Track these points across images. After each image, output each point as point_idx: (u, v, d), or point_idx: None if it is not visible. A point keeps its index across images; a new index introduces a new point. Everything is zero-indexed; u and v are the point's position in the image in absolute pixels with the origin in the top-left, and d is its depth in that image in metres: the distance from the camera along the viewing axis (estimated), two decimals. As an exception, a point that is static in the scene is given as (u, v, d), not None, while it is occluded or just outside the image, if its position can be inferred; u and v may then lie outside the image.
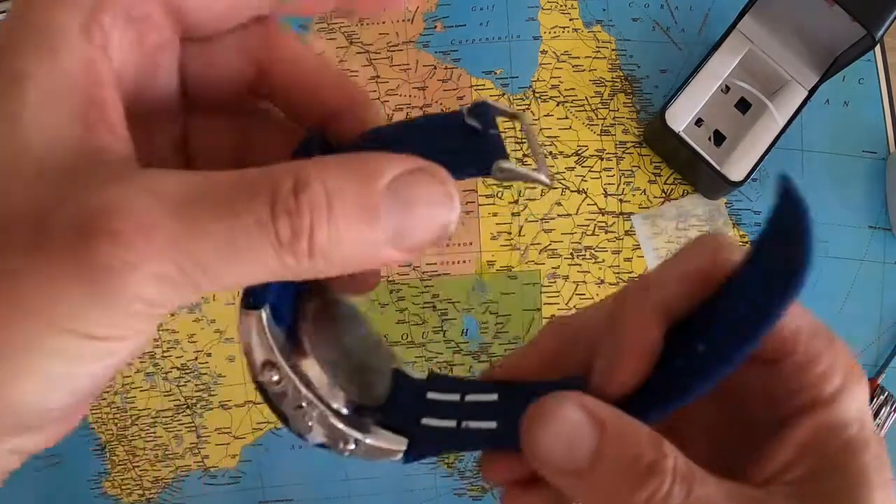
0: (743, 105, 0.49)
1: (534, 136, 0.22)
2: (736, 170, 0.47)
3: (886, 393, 0.49)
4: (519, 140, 0.51)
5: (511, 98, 0.51)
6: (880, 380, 0.50)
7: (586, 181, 0.51)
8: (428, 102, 0.51)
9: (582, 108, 0.51)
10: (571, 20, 0.52)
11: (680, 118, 0.48)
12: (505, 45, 0.51)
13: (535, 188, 0.50)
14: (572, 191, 0.51)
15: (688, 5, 0.52)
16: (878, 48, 0.51)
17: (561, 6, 0.52)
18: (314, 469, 0.49)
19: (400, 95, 0.51)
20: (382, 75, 0.51)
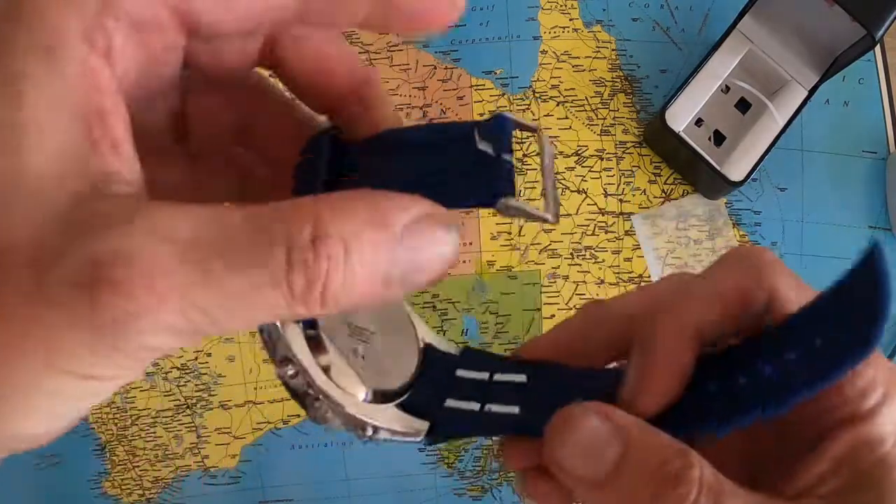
0: (743, 105, 0.49)
1: (550, 162, 0.21)
2: (736, 170, 0.47)
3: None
4: (519, 140, 0.51)
5: (511, 98, 0.51)
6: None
7: (586, 181, 0.51)
8: (428, 102, 0.51)
9: (582, 108, 0.51)
10: (571, 20, 0.52)
11: (680, 118, 0.48)
12: (505, 45, 0.51)
13: (535, 188, 0.50)
14: (572, 191, 0.51)
15: (688, 5, 0.52)
16: (878, 48, 0.51)
17: (561, 6, 0.52)
18: (314, 469, 0.49)
19: (400, 95, 0.51)
20: (382, 75, 0.51)
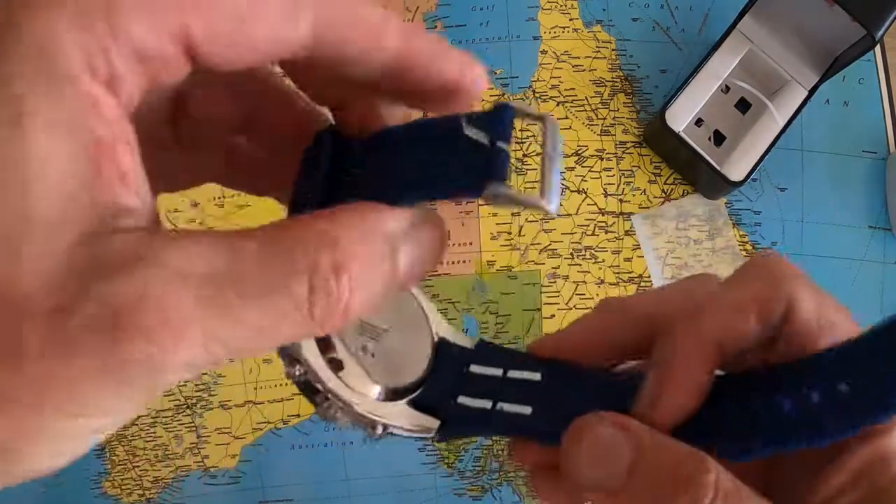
0: (743, 105, 0.49)
1: (555, 149, 0.20)
2: (736, 170, 0.47)
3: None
4: (519, 140, 0.51)
5: (511, 98, 0.51)
6: (880, 380, 0.50)
7: (586, 181, 0.51)
8: (428, 102, 0.51)
9: (582, 108, 0.51)
10: (571, 20, 0.52)
11: (680, 118, 0.48)
12: (505, 45, 0.51)
13: (535, 188, 0.50)
14: (572, 191, 0.51)
15: (688, 5, 0.52)
16: (878, 48, 0.51)
17: (561, 6, 0.52)
18: (314, 469, 0.49)
19: (400, 95, 0.51)
20: (382, 75, 0.51)
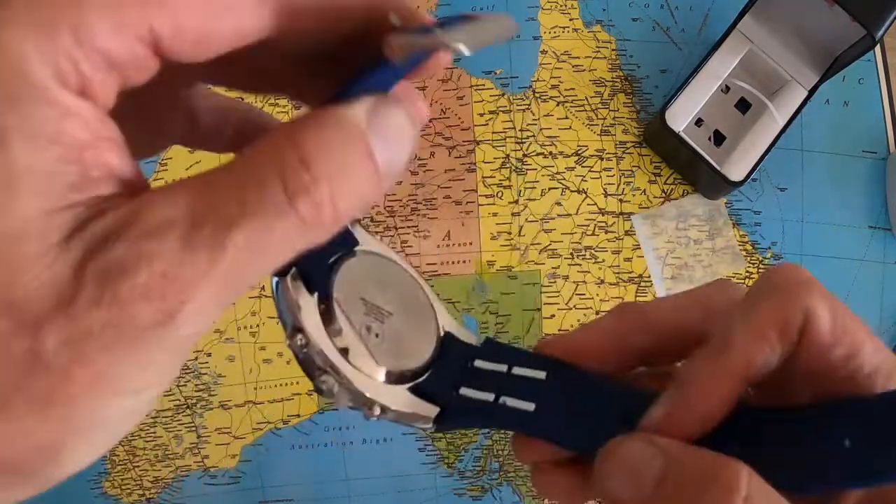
0: (743, 105, 0.49)
1: (498, 27, 0.19)
2: (736, 170, 0.47)
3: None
4: (519, 140, 0.51)
5: (511, 98, 0.51)
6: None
7: (586, 181, 0.51)
8: (428, 102, 0.51)
9: (582, 108, 0.51)
10: (571, 20, 0.52)
11: (680, 118, 0.48)
12: (505, 45, 0.51)
13: (535, 188, 0.50)
14: (572, 191, 0.51)
15: (688, 5, 0.52)
16: (878, 48, 0.51)
17: (561, 6, 0.52)
18: (314, 469, 0.49)
19: (400, 95, 0.51)
20: (382, 75, 0.51)
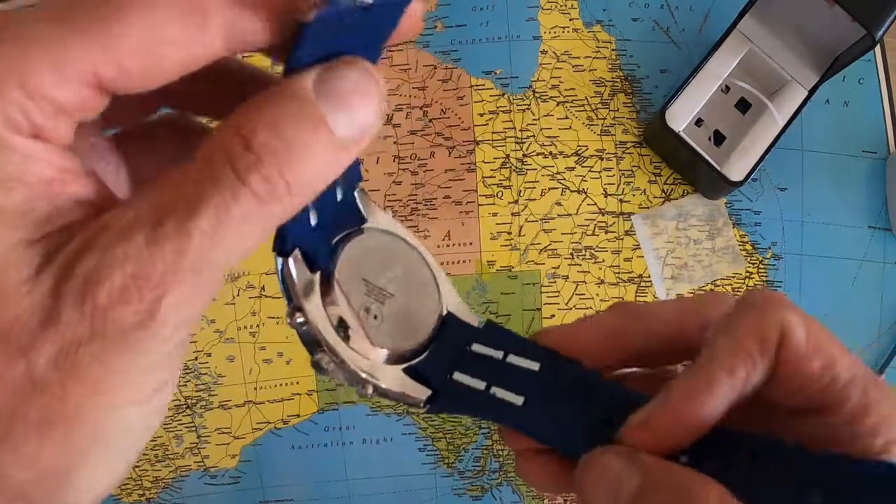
0: (743, 105, 0.49)
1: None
2: (736, 170, 0.47)
3: (886, 393, 0.49)
4: (519, 140, 0.51)
5: (511, 98, 0.51)
6: (880, 380, 0.50)
7: (586, 181, 0.51)
8: (428, 102, 0.51)
9: (582, 108, 0.51)
10: (571, 20, 0.52)
11: (680, 118, 0.48)
12: (505, 45, 0.51)
13: (535, 188, 0.50)
14: (572, 191, 0.51)
15: (688, 5, 0.52)
16: (878, 48, 0.51)
17: (561, 6, 0.52)
18: (314, 469, 0.49)
19: (400, 95, 0.51)
20: (382, 75, 0.51)
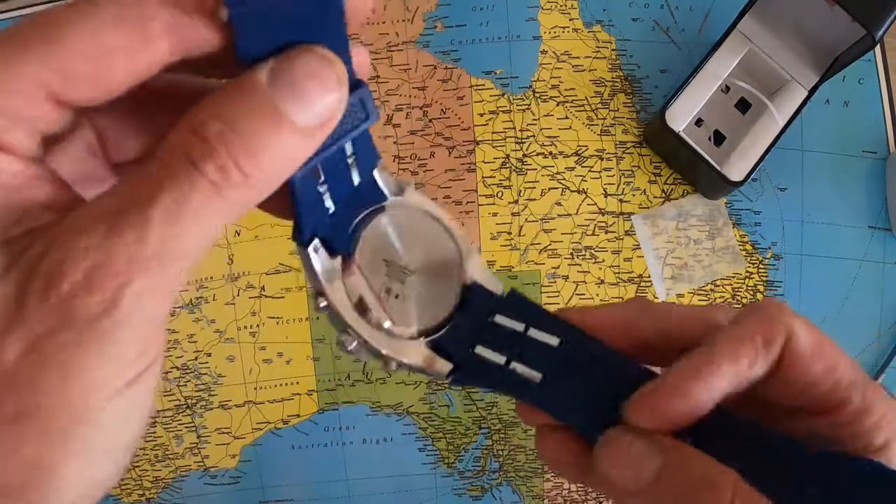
0: (743, 105, 0.49)
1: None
2: (736, 170, 0.47)
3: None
4: (519, 140, 0.51)
5: (511, 98, 0.51)
6: (880, 380, 0.50)
7: (586, 181, 0.51)
8: (428, 102, 0.51)
9: (582, 108, 0.51)
10: (571, 20, 0.52)
11: (680, 118, 0.48)
12: (505, 45, 0.51)
13: (535, 188, 0.50)
14: (572, 191, 0.51)
15: (688, 5, 0.52)
16: (878, 48, 0.51)
17: (561, 6, 0.52)
18: (314, 469, 0.49)
19: (400, 95, 0.51)
20: (382, 75, 0.51)
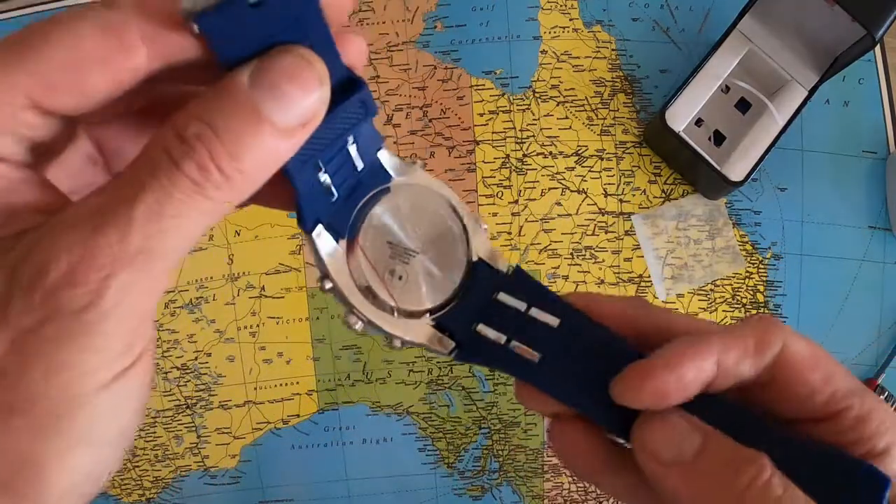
0: (743, 105, 0.49)
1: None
2: (736, 170, 0.47)
3: (886, 393, 0.49)
4: (519, 140, 0.51)
5: (511, 98, 0.51)
6: (880, 380, 0.50)
7: (586, 181, 0.51)
8: (428, 102, 0.51)
9: (582, 108, 0.51)
10: (571, 20, 0.52)
11: (680, 118, 0.48)
12: (505, 45, 0.51)
13: (535, 188, 0.50)
14: (572, 191, 0.51)
15: (688, 5, 0.52)
16: (878, 48, 0.51)
17: (561, 6, 0.52)
18: (314, 469, 0.49)
19: (400, 95, 0.51)
20: (382, 75, 0.51)
